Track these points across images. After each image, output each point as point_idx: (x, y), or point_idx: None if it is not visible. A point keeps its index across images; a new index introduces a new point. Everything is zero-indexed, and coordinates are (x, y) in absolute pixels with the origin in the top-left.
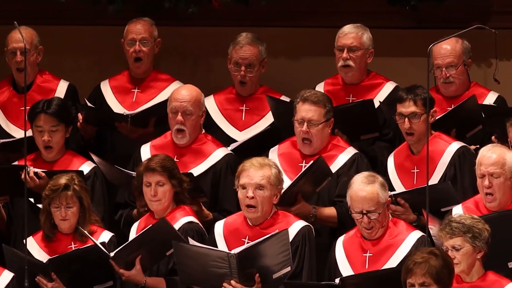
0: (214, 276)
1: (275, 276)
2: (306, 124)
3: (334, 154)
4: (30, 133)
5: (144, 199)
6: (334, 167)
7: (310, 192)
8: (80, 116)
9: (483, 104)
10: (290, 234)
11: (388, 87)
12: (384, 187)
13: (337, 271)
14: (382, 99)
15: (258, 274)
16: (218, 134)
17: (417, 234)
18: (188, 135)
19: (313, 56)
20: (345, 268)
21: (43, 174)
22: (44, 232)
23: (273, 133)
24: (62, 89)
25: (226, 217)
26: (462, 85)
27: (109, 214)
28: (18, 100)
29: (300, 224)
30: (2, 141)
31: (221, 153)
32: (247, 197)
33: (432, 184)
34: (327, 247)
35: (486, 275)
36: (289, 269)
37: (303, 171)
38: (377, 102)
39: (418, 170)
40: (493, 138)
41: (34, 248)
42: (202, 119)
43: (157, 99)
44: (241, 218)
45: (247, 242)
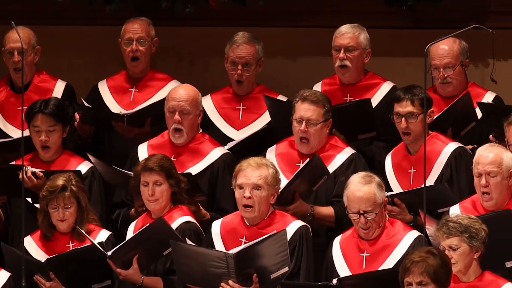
0: (212, 276)
1: (273, 276)
2: (304, 123)
3: (331, 154)
4: (27, 133)
5: (141, 199)
6: (331, 167)
7: (307, 191)
8: (77, 115)
9: (481, 102)
10: (287, 234)
11: (385, 87)
12: (381, 187)
13: (334, 271)
14: (379, 99)
15: (256, 274)
16: (215, 133)
17: (414, 234)
18: (185, 135)
19: (310, 56)
20: (342, 268)
21: (41, 174)
22: (42, 231)
23: (270, 132)
24: (59, 89)
25: (223, 216)
26: (460, 85)
27: (106, 214)
28: (15, 100)
29: (297, 224)
30: None
31: (218, 152)
32: (244, 197)
33: (429, 185)
34: (325, 247)
35: (483, 275)
36: (287, 269)
37: (300, 170)
38: (374, 102)
39: (415, 171)
40: (490, 137)
41: (32, 247)
42: (200, 119)
43: (154, 99)
44: (238, 218)
45: (244, 242)
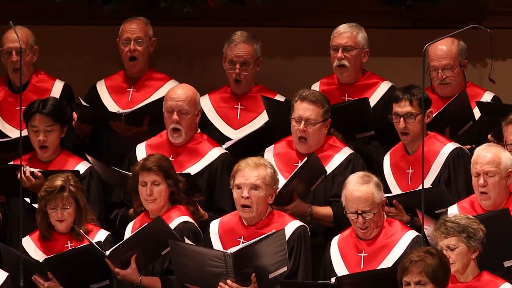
0: (210, 275)
1: (271, 276)
2: (303, 123)
3: (330, 154)
4: (25, 133)
5: (140, 199)
6: (330, 167)
7: (305, 191)
8: (75, 115)
9: (480, 101)
10: (285, 234)
11: (383, 87)
12: (379, 187)
13: (332, 271)
14: (378, 99)
15: (254, 274)
16: (213, 133)
17: (412, 234)
18: (184, 134)
19: (308, 55)
20: (340, 268)
21: (39, 174)
22: (40, 231)
23: (267, 131)
24: (57, 89)
25: (221, 216)
26: (458, 86)
27: (104, 214)
28: (13, 100)
29: (295, 224)
30: None
31: (216, 152)
32: (242, 197)
33: (426, 187)
34: (323, 247)
35: (481, 275)
36: (285, 269)
37: (297, 169)
38: (372, 101)
39: (413, 171)
40: (489, 137)
41: (30, 247)
42: (198, 118)
43: (152, 98)
44: (236, 218)
45: (242, 242)
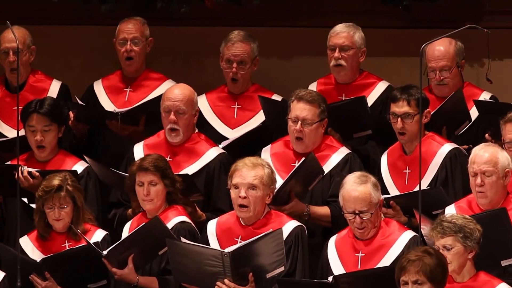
0: (208, 274)
1: (269, 275)
2: (300, 123)
3: (327, 154)
4: (22, 132)
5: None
6: (327, 167)
7: (302, 190)
8: (71, 114)
9: (478, 100)
10: (283, 234)
11: (380, 87)
12: (376, 187)
13: (329, 271)
14: (375, 99)
15: (251, 273)
16: (210, 133)
17: (409, 234)
18: (181, 134)
19: (306, 55)
20: (337, 268)
21: (37, 174)
22: (38, 231)
23: (264, 131)
24: (54, 88)
25: (219, 216)
26: (456, 86)
27: (102, 214)
28: (10, 100)
29: (293, 224)
30: None
31: (214, 152)
32: (240, 196)
33: (424, 188)
34: (320, 247)
35: (478, 275)
36: (282, 268)
37: (295, 169)
38: (369, 101)
39: (410, 171)
40: (486, 136)
41: (28, 247)
42: (195, 118)
43: (149, 98)
44: (233, 218)
45: (240, 242)
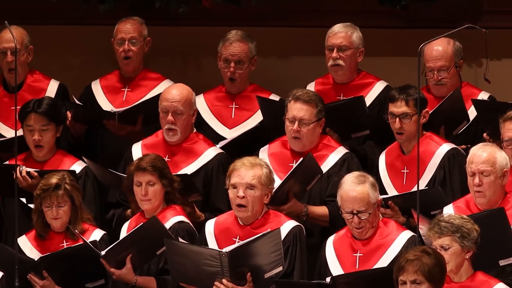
0: (206, 274)
1: (267, 275)
2: (297, 123)
3: (325, 154)
4: (20, 132)
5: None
6: (325, 167)
7: (300, 190)
8: (68, 114)
9: (476, 99)
10: (281, 234)
11: (378, 87)
12: (374, 187)
13: (327, 271)
14: (373, 99)
15: (249, 273)
16: (207, 132)
17: (407, 234)
18: (179, 133)
19: (304, 55)
20: (335, 268)
21: (36, 174)
22: (36, 231)
23: (262, 131)
24: (52, 88)
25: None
26: (454, 86)
27: (100, 214)
28: (8, 99)
29: (291, 224)
30: None
31: (212, 152)
32: (238, 196)
33: (422, 189)
34: (319, 247)
35: (475, 275)
36: (280, 268)
37: (293, 169)
38: (367, 101)
39: (408, 171)
40: (484, 135)
41: (26, 246)
42: (194, 118)
43: (147, 98)
44: (232, 218)
45: (238, 242)
